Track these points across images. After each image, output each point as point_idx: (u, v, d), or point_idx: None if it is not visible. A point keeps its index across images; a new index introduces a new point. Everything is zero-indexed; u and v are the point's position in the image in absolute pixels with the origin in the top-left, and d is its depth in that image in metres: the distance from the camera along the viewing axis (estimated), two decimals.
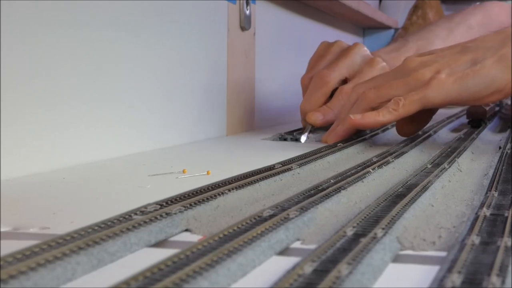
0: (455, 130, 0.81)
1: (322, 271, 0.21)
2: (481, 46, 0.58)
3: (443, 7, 1.80)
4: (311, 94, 0.74)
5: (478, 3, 1.01)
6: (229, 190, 0.34)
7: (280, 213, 0.29)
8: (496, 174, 0.42)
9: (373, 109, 0.61)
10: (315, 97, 0.73)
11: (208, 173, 0.45)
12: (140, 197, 0.37)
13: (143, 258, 0.25)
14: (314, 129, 0.72)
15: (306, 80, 0.77)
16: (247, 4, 0.81)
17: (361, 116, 0.60)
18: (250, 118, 0.84)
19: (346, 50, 0.76)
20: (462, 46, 0.60)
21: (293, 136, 0.69)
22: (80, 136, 0.50)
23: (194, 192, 0.33)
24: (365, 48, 0.76)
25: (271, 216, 0.29)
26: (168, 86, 0.63)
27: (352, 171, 0.42)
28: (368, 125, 0.61)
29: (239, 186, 0.36)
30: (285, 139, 0.69)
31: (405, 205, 0.31)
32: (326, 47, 0.79)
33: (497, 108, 1.06)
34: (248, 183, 0.37)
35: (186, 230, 0.29)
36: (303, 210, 0.30)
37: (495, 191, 0.36)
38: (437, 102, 0.57)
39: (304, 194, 0.34)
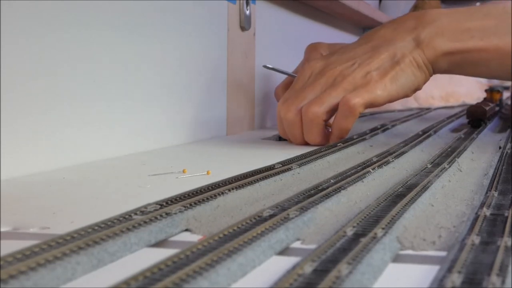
0: (455, 130, 0.81)
1: (322, 271, 0.21)
2: (389, 43, 0.63)
3: (443, 7, 1.80)
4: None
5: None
6: (229, 190, 0.34)
7: (280, 213, 0.29)
8: (496, 174, 0.42)
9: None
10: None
11: (208, 173, 0.45)
12: (140, 197, 0.37)
13: (143, 258, 0.25)
14: None
15: (276, 94, 0.77)
16: (247, 4, 0.81)
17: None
18: (250, 118, 0.84)
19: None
20: (371, 46, 0.64)
21: None
22: (80, 136, 0.50)
23: (194, 192, 0.33)
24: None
25: (271, 216, 0.29)
26: (168, 86, 0.63)
27: (352, 171, 0.42)
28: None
29: (239, 186, 0.36)
30: (285, 139, 0.69)
31: (405, 205, 0.31)
32: (312, 51, 0.73)
33: (497, 108, 1.06)
34: (248, 183, 0.37)
35: (186, 230, 0.29)
36: (303, 210, 0.30)
37: (495, 191, 0.36)
38: (381, 100, 0.61)
39: (304, 194, 0.34)
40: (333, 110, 0.62)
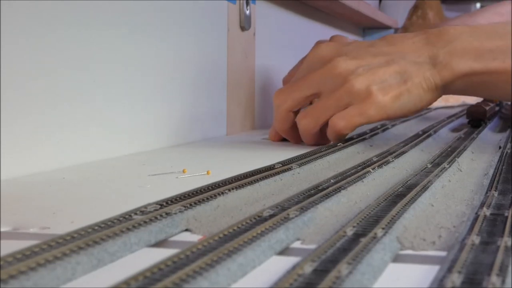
0: (455, 130, 0.81)
1: (322, 271, 0.21)
2: (403, 56, 0.59)
3: (443, 7, 1.80)
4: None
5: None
6: (229, 190, 0.34)
7: (280, 213, 0.29)
8: (496, 173, 0.42)
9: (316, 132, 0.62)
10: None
11: (208, 173, 0.45)
12: (140, 197, 0.37)
13: (143, 258, 0.25)
14: None
15: (284, 83, 0.76)
16: (247, 4, 0.81)
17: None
18: (250, 118, 0.84)
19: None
20: (386, 52, 0.60)
21: None
22: (80, 136, 0.50)
23: (194, 192, 0.33)
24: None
25: (271, 216, 0.29)
26: (168, 86, 0.63)
27: (352, 171, 0.42)
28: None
29: (239, 186, 0.36)
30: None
31: (405, 205, 0.31)
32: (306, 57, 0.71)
33: (497, 108, 1.06)
34: (248, 183, 0.37)
35: (186, 230, 0.29)
36: (303, 210, 0.30)
37: (495, 190, 0.36)
38: (376, 119, 0.59)
39: (304, 194, 0.34)
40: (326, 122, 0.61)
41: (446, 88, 0.59)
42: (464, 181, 0.42)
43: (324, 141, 0.63)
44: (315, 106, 0.61)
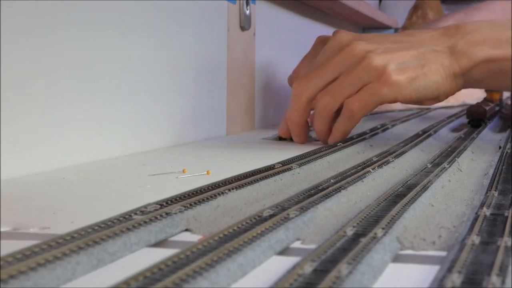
0: (455, 130, 0.81)
1: (322, 271, 0.21)
2: (422, 45, 0.60)
3: (443, 7, 1.80)
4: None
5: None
6: (229, 190, 0.34)
7: (280, 213, 0.29)
8: (496, 173, 0.42)
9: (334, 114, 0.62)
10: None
11: (208, 173, 0.45)
12: (140, 197, 0.37)
13: (143, 258, 0.25)
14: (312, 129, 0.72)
15: (290, 81, 0.75)
16: (247, 4, 0.81)
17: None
18: (250, 118, 0.84)
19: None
20: (405, 40, 0.61)
21: None
22: (80, 136, 0.50)
23: (194, 192, 0.33)
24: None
25: (271, 216, 0.29)
26: (168, 86, 0.63)
27: (352, 171, 0.42)
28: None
29: (239, 186, 0.36)
30: (285, 139, 0.69)
31: (405, 205, 0.31)
32: (319, 44, 0.73)
33: (497, 108, 1.06)
34: (248, 183, 0.37)
35: (186, 230, 0.29)
36: (303, 210, 0.30)
37: (495, 190, 0.36)
38: (389, 99, 0.58)
39: (304, 194, 0.34)
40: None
41: (464, 78, 0.59)
42: (464, 181, 0.42)
43: (327, 137, 0.63)
44: (334, 85, 0.61)
